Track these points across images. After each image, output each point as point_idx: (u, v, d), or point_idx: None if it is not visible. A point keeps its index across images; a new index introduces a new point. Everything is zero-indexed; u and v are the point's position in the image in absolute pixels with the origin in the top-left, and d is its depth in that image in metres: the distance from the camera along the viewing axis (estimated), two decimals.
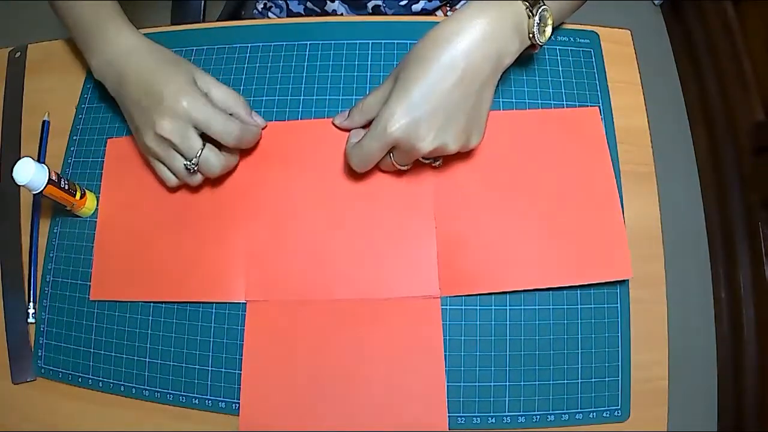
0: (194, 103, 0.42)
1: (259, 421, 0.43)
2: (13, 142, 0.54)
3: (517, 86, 0.49)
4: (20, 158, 0.42)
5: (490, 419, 0.42)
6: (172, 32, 0.55)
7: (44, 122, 0.53)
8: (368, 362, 0.43)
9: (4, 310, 0.49)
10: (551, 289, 0.44)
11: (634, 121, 0.48)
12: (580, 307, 0.44)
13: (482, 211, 0.45)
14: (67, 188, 0.45)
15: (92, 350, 0.46)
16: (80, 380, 0.46)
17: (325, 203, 0.46)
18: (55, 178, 0.44)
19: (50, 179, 0.43)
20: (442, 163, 0.45)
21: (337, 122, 0.47)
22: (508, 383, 0.43)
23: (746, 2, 1.11)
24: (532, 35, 0.41)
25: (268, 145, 0.48)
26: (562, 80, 0.49)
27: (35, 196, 0.45)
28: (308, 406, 0.42)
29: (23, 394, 0.47)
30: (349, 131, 0.46)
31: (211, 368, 0.44)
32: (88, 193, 0.48)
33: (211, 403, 0.44)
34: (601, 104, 0.48)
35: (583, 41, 0.51)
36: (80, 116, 0.53)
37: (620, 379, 0.43)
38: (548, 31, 0.42)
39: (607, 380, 0.43)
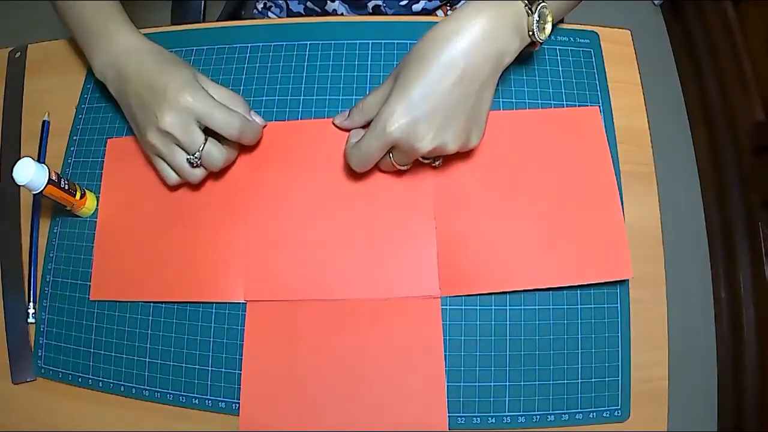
0: (196, 96, 0.42)
1: (259, 421, 0.43)
2: (13, 142, 0.54)
3: (517, 86, 0.49)
4: (20, 158, 0.42)
5: (490, 419, 0.42)
6: (172, 32, 0.55)
7: (44, 122, 0.54)
8: (368, 362, 0.43)
9: (4, 310, 0.49)
10: (551, 289, 0.44)
11: (634, 121, 0.48)
12: (580, 307, 0.44)
13: (482, 211, 0.45)
14: (67, 188, 0.45)
15: (92, 350, 0.46)
16: (80, 380, 0.46)
17: (325, 203, 0.46)
18: (55, 178, 0.44)
19: (50, 179, 0.43)
20: (442, 163, 0.45)
21: (337, 122, 0.47)
22: (508, 383, 0.43)
23: (746, 2, 1.11)
24: (531, 33, 0.41)
25: (268, 145, 0.48)
26: (562, 80, 0.49)
27: (35, 196, 0.45)
28: (308, 406, 0.42)
29: (23, 394, 0.47)
30: (349, 131, 0.46)
31: (211, 368, 0.44)
32: (88, 193, 0.48)
33: (211, 403, 0.44)
34: (601, 104, 0.48)
35: (583, 41, 0.51)
36: (80, 116, 0.53)
37: (620, 379, 0.43)
38: (548, 28, 0.42)
39: (607, 380, 0.43)
